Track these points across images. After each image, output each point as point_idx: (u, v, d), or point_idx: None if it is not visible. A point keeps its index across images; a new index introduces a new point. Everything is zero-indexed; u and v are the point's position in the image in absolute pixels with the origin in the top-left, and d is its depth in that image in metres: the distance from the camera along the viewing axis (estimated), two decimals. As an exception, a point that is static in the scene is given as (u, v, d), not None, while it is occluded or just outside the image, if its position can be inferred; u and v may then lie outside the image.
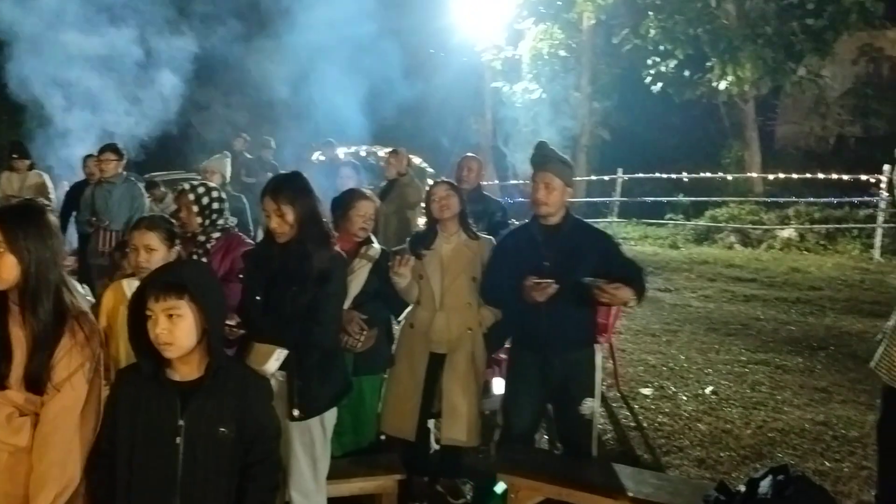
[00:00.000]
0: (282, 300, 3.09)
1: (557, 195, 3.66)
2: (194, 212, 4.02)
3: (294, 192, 3.10)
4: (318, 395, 3.17)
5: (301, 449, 3.16)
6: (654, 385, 6.13)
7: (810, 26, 15.29)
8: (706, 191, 16.55)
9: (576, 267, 3.56)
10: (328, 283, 3.10)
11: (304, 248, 3.08)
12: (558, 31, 18.58)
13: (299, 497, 3.17)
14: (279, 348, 3.06)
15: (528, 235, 3.77)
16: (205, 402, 2.32)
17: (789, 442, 5.05)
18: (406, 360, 4.12)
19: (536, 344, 3.70)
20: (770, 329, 8.04)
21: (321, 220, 3.16)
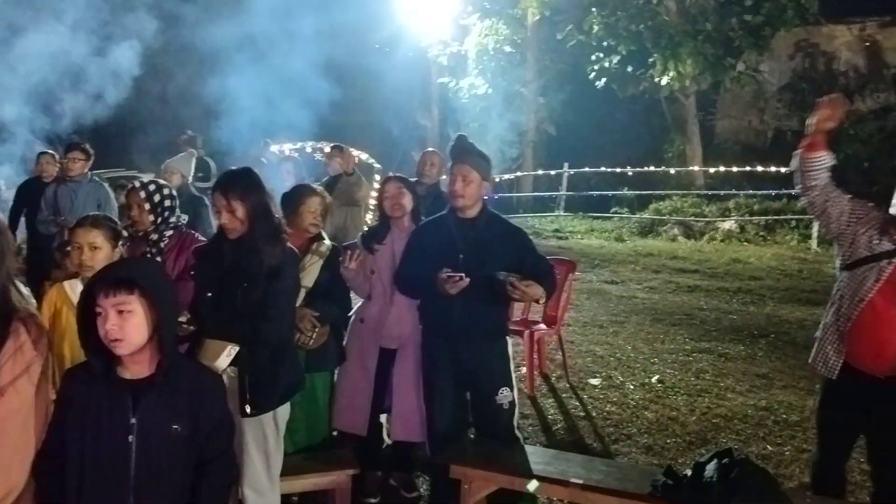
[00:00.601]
0: (232, 296, 3.07)
1: (474, 188, 3.69)
2: (146, 209, 3.96)
3: (245, 187, 3.07)
4: (270, 391, 3.16)
5: (254, 445, 3.14)
6: (602, 375, 6.24)
7: (748, 22, 15.70)
8: (650, 184, 16.88)
9: (489, 261, 3.59)
10: (279, 279, 3.09)
11: (254, 244, 3.06)
12: (503, 27, 18.70)
13: (253, 494, 3.15)
14: (230, 344, 3.04)
15: (445, 228, 3.78)
16: (157, 399, 2.30)
17: (733, 427, 5.20)
18: (357, 355, 4.11)
19: (448, 334, 3.73)
20: (713, 318, 8.25)
21: (273, 216, 3.15)
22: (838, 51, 21.63)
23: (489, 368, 3.77)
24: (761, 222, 14.08)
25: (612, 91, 17.62)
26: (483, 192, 3.77)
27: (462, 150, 3.80)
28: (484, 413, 3.83)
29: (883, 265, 3.23)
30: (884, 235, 3.26)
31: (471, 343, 3.72)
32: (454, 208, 3.78)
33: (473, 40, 19.09)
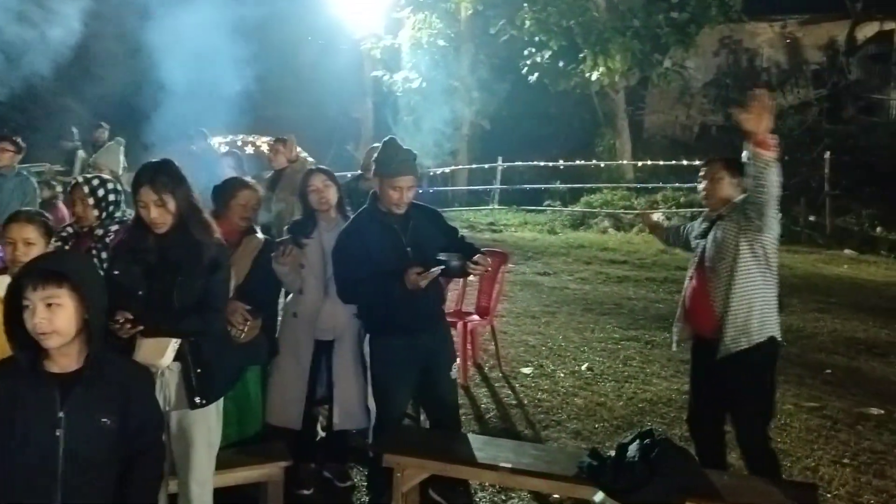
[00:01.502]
0: (167, 292, 3.02)
1: (414, 191, 3.75)
2: (90, 205, 3.91)
3: (172, 179, 3.03)
4: (216, 380, 3.18)
5: (200, 437, 3.14)
6: (534, 364, 6.38)
7: (675, 19, 16.13)
8: (582, 178, 17.21)
9: (430, 247, 3.70)
10: (219, 270, 3.10)
11: (190, 237, 3.03)
12: (437, 21, 18.73)
13: (197, 487, 3.14)
14: (172, 340, 3.02)
15: (384, 224, 3.74)
16: (85, 392, 2.29)
17: (657, 411, 5.41)
18: (290, 348, 4.13)
19: (406, 328, 3.72)
20: (641, 307, 8.50)
21: (200, 208, 3.13)
22: (760, 47, 22.41)
23: (445, 348, 3.92)
24: (687, 214, 14.46)
25: (544, 86, 17.87)
26: None
27: (406, 161, 3.72)
28: (441, 389, 3.90)
29: (700, 244, 3.88)
30: (704, 222, 3.94)
31: (428, 329, 3.81)
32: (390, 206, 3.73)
33: (407, 34, 19.08)
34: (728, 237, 3.69)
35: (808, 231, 14.10)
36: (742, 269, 3.63)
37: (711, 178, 3.88)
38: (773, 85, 21.45)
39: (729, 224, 3.71)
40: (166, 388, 3.05)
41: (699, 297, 3.83)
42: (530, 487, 3.75)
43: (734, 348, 3.62)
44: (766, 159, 3.39)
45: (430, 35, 18.83)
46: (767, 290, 3.68)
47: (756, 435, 3.74)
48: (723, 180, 3.83)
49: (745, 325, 3.62)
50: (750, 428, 3.74)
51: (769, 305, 3.67)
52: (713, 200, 3.90)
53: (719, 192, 3.85)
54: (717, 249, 3.73)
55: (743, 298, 3.63)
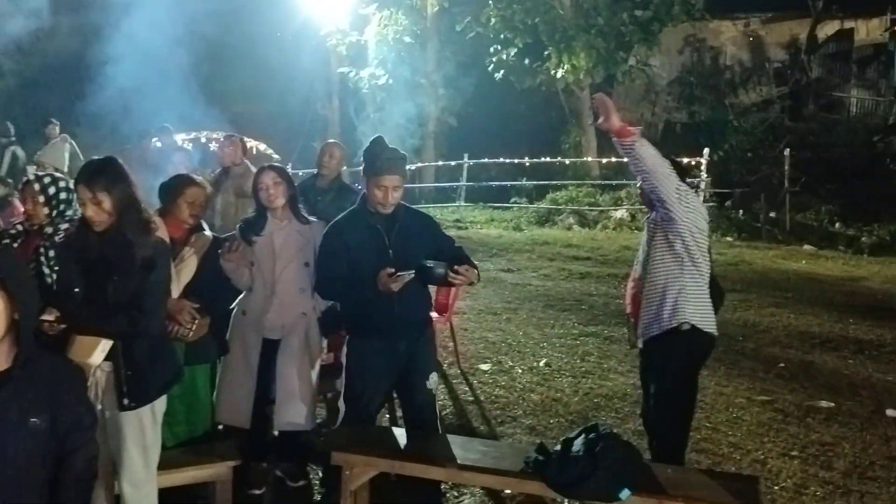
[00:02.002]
0: (103, 290, 3.01)
1: (399, 193, 3.73)
2: (41, 202, 3.84)
3: (109, 178, 3.00)
4: (148, 384, 3.14)
5: (132, 439, 3.11)
6: (492, 361, 6.41)
7: (638, 18, 16.27)
8: (548, 175, 17.31)
9: (416, 252, 3.65)
10: (153, 271, 3.06)
11: (124, 236, 3.01)
12: (403, 17, 18.71)
13: (130, 488, 3.12)
14: (104, 339, 3.00)
15: (367, 224, 3.73)
16: (14, 392, 2.25)
17: (612, 406, 5.46)
18: (239, 347, 4.10)
19: (383, 331, 3.71)
20: (601, 303, 8.57)
21: (140, 207, 3.09)
22: (724, 45, 22.71)
23: (424, 356, 3.82)
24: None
25: (511, 83, 17.94)
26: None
27: (392, 160, 3.71)
28: (416, 400, 3.84)
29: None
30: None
31: (408, 334, 3.76)
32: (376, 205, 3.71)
33: (373, 30, 19.05)
34: (650, 231, 3.82)
35: (769, 227, 14.33)
36: (656, 259, 3.72)
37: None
38: (736, 83, 21.79)
39: (653, 218, 3.81)
40: (97, 387, 3.02)
41: (634, 294, 3.95)
42: (478, 483, 3.77)
43: (647, 335, 3.73)
44: (630, 143, 3.43)
45: (396, 32, 18.82)
46: (684, 278, 3.68)
47: (665, 423, 3.80)
48: None
49: (657, 312, 3.69)
50: (661, 415, 3.80)
51: (686, 293, 3.67)
52: (645, 197, 3.92)
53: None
54: (646, 241, 3.86)
55: (655, 287, 3.71)
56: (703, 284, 3.74)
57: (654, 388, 3.83)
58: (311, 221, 4.22)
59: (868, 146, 17.33)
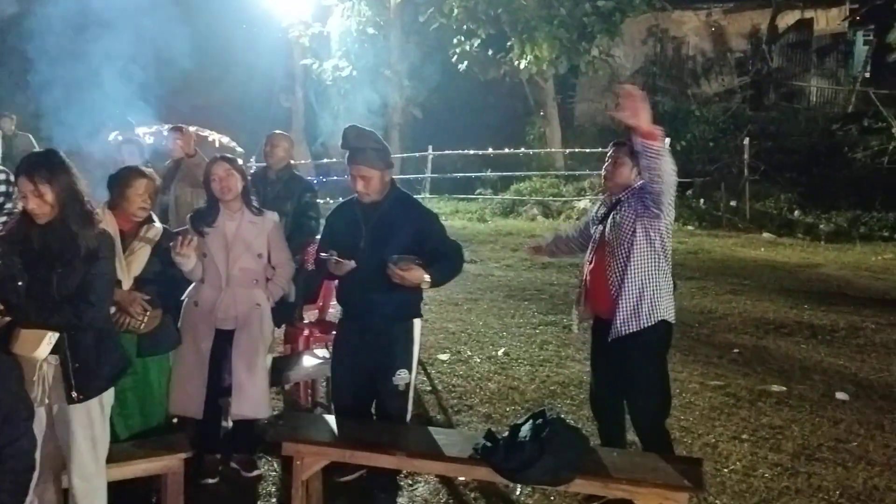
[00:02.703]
0: (47, 283, 3.00)
1: (376, 182, 3.71)
2: None
3: (51, 170, 2.99)
4: (96, 376, 3.14)
5: (81, 431, 3.11)
6: (451, 350, 6.46)
7: (600, 8, 16.36)
8: (513, 166, 17.39)
9: (388, 244, 3.64)
10: (97, 262, 3.06)
11: (68, 227, 3.00)
12: (365, 8, 18.61)
13: (80, 481, 3.12)
14: (49, 332, 2.99)
15: (351, 213, 3.80)
16: None
17: (568, 393, 5.52)
18: (191, 338, 4.09)
19: (354, 316, 3.83)
20: (562, 293, 8.65)
21: (83, 198, 3.08)
22: (687, 36, 22.89)
23: (390, 351, 3.79)
24: (614, 200, 14.79)
25: (475, 74, 17.97)
26: (387, 180, 3.78)
27: (353, 150, 3.72)
28: (381, 394, 3.86)
29: (599, 228, 3.92)
30: (602, 205, 3.96)
31: (373, 326, 3.76)
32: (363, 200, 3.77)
33: (336, 21, 18.92)
34: (626, 222, 3.75)
35: (729, 216, 14.54)
36: (637, 254, 3.71)
37: (615, 161, 3.90)
38: (699, 73, 22.01)
39: (627, 209, 3.77)
40: (45, 381, 3.01)
41: (598, 279, 3.88)
42: (427, 470, 3.81)
43: (625, 331, 3.72)
44: (656, 149, 3.40)
45: (360, 23, 18.71)
46: (660, 274, 3.76)
47: (649, 415, 3.85)
48: (624, 165, 3.86)
49: (636, 308, 3.70)
50: (643, 408, 3.85)
51: (661, 290, 3.76)
52: (612, 184, 3.93)
53: (619, 177, 3.89)
54: (615, 233, 3.79)
55: (635, 282, 3.71)
56: (670, 277, 3.84)
57: (635, 384, 3.82)
58: (263, 213, 4.22)
59: (827, 135, 17.62)
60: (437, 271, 3.63)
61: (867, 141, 16.13)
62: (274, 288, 4.21)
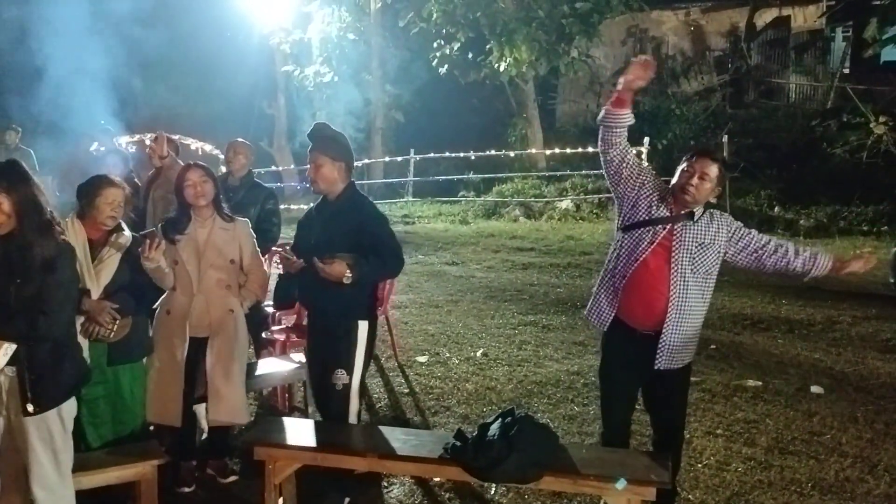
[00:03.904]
0: (5, 294, 2.99)
1: (325, 171, 3.80)
2: None
3: (9, 181, 3.00)
4: (52, 387, 3.12)
5: (40, 444, 3.09)
6: (430, 352, 6.48)
7: (578, 10, 16.43)
8: (495, 168, 17.45)
9: (333, 242, 3.70)
10: (54, 272, 3.04)
11: (25, 237, 3.00)
12: (346, 14, 18.63)
13: (42, 493, 3.11)
14: (6, 343, 2.97)
15: (314, 210, 3.99)
16: None
17: (545, 392, 5.56)
18: (164, 346, 4.09)
19: (311, 312, 3.98)
20: (542, 293, 8.69)
21: (42, 209, 3.07)
22: (666, 35, 23.03)
23: (332, 349, 3.83)
24: (595, 200, 14.87)
25: (456, 77, 18.01)
26: (339, 173, 3.83)
27: (312, 137, 3.90)
28: (320, 394, 3.94)
29: (658, 229, 3.52)
30: (662, 203, 3.55)
31: (320, 321, 3.87)
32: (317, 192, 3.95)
33: (316, 27, 18.92)
34: (710, 254, 3.51)
35: (710, 213, 14.59)
36: (709, 292, 3.57)
37: (702, 174, 3.44)
38: (678, 72, 22.15)
39: (712, 239, 3.51)
40: (1, 391, 3.01)
41: (651, 289, 3.51)
42: (399, 471, 3.83)
43: (680, 363, 3.60)
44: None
45: (340, 28, 18.72)
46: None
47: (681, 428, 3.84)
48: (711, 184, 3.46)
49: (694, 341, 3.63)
50: (678, 422, 3.79)
51: None
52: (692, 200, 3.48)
53: (704, 194, 3.48)
54: (694, 258, 3.48)
55: (700, 318, 3.58)
56: None
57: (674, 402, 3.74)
58: (235, 219, 4.24)
59: (806, 131, 17.75)
60: (361, 267, 3.62)
61: (846, 136, 16.25)
62: (247, 293, 4.22)
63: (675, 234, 3.49)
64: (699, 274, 3.49)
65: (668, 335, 3.50)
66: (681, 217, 3.50)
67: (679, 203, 3.51)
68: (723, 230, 3.54)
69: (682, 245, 3.48)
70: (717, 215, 3.58)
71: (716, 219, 3.56)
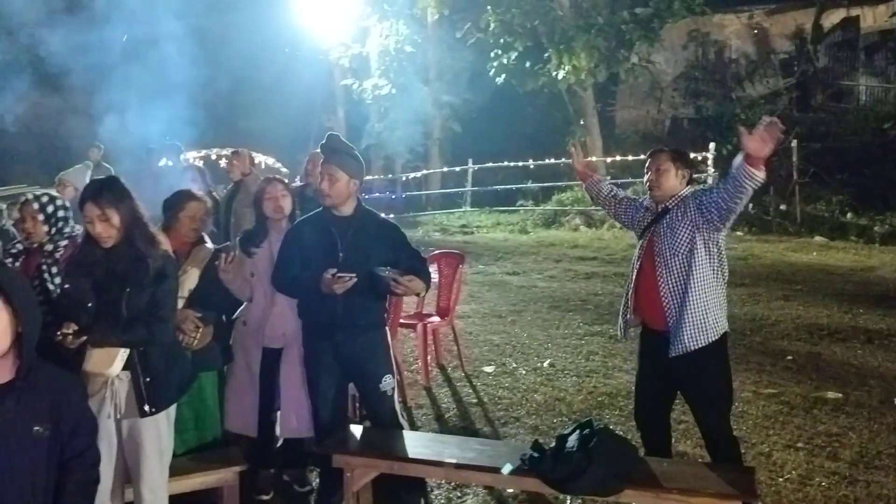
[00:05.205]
0: (116, 303, 3.12)
1: (341, 186, 3.78)
2: (40, 221, 3.95)
3: (116, 195, 3.14)
4: (166, 389, 3.26)
5: (150, 444, 3.21)
6: (496, 363, 6.45)
7: (638, 15, 16.24)
8: (554, 177, 17.32)
9: (368, 258, 3.72)
10: (165, 281, 3.19)
11: (136, 249, 3.14)
12: (403, 27, 18.82)
13: (149, 493, 3.21)
14: (121, 349, 3.10)
15: (322, 226, 3.85)
16: (17, 402, 2.34)
17: (616, 404, 5.47)
18: (242, 357, 4.18)
19: (327, 331, 3.82)
20: (607, 303, 8.59)
21: (145, 222, 3.22)
22: (728, 39, 22.61)
23: (373, 359, 3.87)
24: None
25: (513, 86, 17.98)
26: (353, 190, 3.85)
27: (329, 150, 3.89)
28: (372, 402, 3.96)
29: (645, 235, 3.86)
30: (647, 211, 3.91)
31: (352, 337, 3.82)
32: (327, 206, 3.87)
33: (375, 41, 19.16)
34: (681, 233, 3.67)
35: (779, 220, 14.27)
36: (698, 268, 3.64)
37: (657, 169, 3.82)
38: (742, 76, 21.72)
39: (681, 219, 3.69)
40: (117, 396, 3.13)
41: (649, 290, 3.79)
42: (475, 482, 3.82)
43: (693, 346, 3.63)
44: (760, 179, 3.40)
45: (398, 41, 18.91)
46: (719, 286, 3.72)
47: (722, 425, 3.78)
48: (668, 172, 3.79)
49: (702, 323, 3.63)
50: (716, 419, 3.76)
51: (722, 303, 3.71)
52: (659, 192, 3.83)
53: (666, 184, 3.80)
54: (669, 244, 3.71)
55: (700, 297, 3.64)
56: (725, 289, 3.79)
57: (707, 397, 3.76)
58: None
59: (878, 134, 17.19)
60: (425, 281, 3.84)
61: (921, 139, 15.72)
62: None
63: (655, 231, 3.79)
64: (680, 255, 3.67)
65: (671, 319, 3.67)
66: (659, 216, 3.79)
67: (655, 203, 3.85)
68: (691, 205, 3.69)
69: (659, 237, 3.75)
70: (688, 195, 3.76)
71: (687, 199, 3.73)
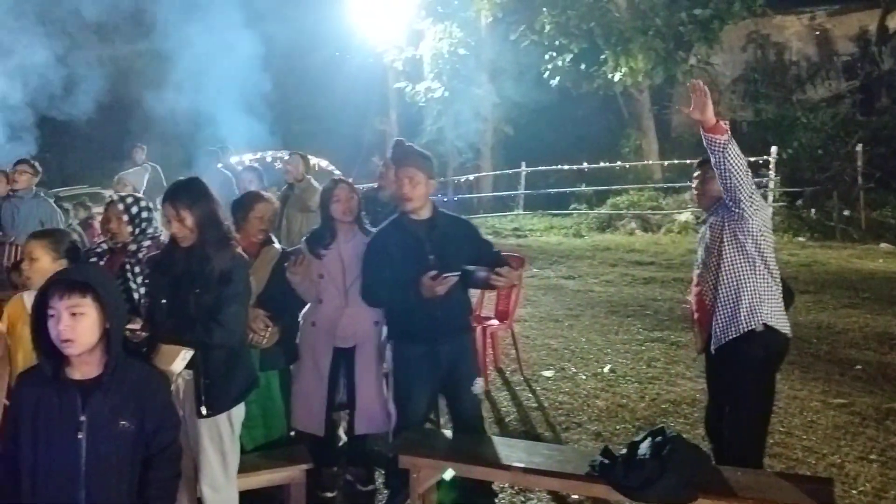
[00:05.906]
0: (185, 302, 3.19)
1: (422, 188, 3.80)
2: (125, 221, 4.06)
3: (191, 196, 3.21)
4: (224, 393, 3.29)
5: (210, 444, 3.26)
6: (555, 367, 6.40)
7: (697, 16, 15.98)
8: (608, 180, 17.15)
9: (457, 257, 3.74)
10: (230, 284, 3.21)
11: (205, 250, 3.19)
12: (457, 30, 18.83)
13: (210, 491, 3.28)
14: (185, 349, 3.15)
15: (406, 232, 3.85)
16: (105, 397, 2.42)
17: (681, 412, 5.38)
18: (310, 357, 4.21)
19: (426, 336, 3.80)
20: (667, 308, 8.46)
21: (221, 223, 3.27)
22: (789, 41, 22.12)
23: (466, 361, 3.92)
24: (716, 213, 14.37)
25: (567, 89, 17.85)
26: (430, 191, 3.87)
27: (404, 153, 3.91)
28: (464, 404, 3.95)
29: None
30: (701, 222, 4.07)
31: (450, 339, 3.85)
32: (406, 211, 3.86)
33: (428, 44, 19.21)
34: (714, 233, 3.73)
35: (843, 226, 13.89)
36: (727, 259, 3.66)
37: (702, 178, 3.89)
38: (803, 78, 21.22)
39: (715, 220, 3.75)
40: (179, 392, 3.20)
41: (697, 297, 3.88)
42: (543, 487, 3.79)
43: (725, 338, 3.65)
44: (720, 142, 3.36)
45: (451, 45, 18.93)
46: (756, 277, 3.64)
47: (743, 427, 3.71)
48: (712, 179, 3.74)
49: (733, 314, 3.63)
50: (737, 418, 3.71)
51: (760, 294, 3.63)
52: (704, 200, 3.93)
53: (710, 192, 3.85)
54: (705, 247, 3.79)
55: (730, 289, 3.65)
56: (775, 283, 3.70)
57: (731, 393, 3.74)
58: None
59: (947, 139, 16.63)
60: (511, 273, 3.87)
61: None
62: None
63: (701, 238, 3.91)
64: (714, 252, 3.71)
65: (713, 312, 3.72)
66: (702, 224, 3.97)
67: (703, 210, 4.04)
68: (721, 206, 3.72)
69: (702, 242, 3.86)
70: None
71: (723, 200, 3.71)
